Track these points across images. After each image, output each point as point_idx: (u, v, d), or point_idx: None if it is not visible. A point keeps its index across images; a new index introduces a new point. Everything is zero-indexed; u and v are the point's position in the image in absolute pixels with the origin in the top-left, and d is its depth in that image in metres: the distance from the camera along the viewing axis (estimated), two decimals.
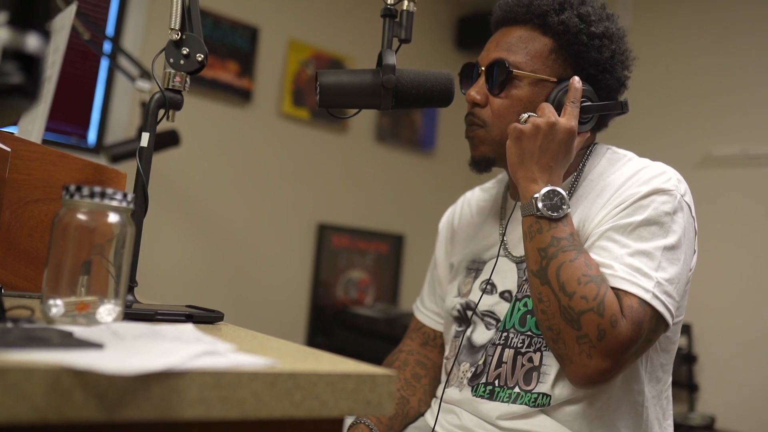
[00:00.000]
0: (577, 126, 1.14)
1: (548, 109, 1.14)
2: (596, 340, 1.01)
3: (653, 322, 1.05)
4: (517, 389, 1.14)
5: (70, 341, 0.59)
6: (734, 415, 2.68)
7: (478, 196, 1.44)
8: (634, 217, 1.09)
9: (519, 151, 1.14)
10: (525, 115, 1.16)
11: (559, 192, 1.10)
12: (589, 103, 1.19)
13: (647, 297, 1.03)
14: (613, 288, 1.04)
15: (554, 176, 1.12)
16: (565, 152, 1.13)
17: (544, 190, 1.10)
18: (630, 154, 1.23)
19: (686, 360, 2.77)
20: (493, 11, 1.30)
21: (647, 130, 3.08)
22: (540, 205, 1.09)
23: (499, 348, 1.18)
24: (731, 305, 2.80)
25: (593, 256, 1.09)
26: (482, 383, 1.18)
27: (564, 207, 1.09)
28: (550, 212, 1.09)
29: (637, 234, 1.08)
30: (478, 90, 1.24)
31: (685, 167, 1.24)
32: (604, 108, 1.20)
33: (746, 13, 2.95)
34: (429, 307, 1.44)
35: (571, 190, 1.21)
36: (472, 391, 1.19)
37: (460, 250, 1.38)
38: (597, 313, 1.01)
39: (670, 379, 1.22)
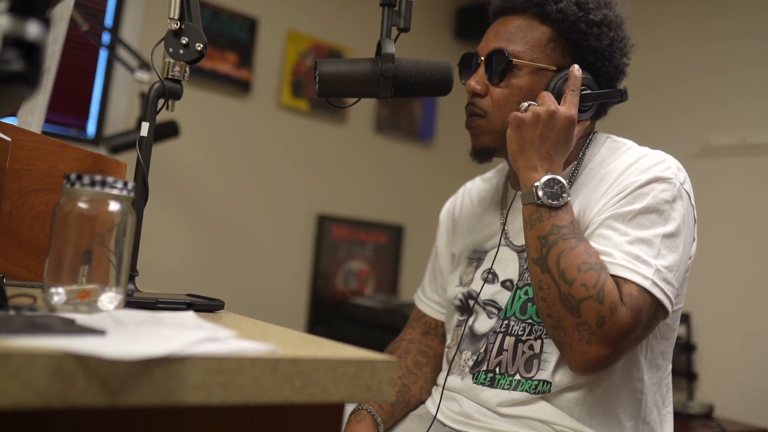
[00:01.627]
0: (577, 114, 1.15)
1: (548, 97, 1.15)
2: (596, 327, 1.02)
3: (652, 309, 1.05)
4: (517, 376, 1.15)
5: (72, 328, 0.59)
6: (733, 403, 2.70)
7: (478, 186, 1.45)
8: (634, 205, 1.09)
9: (519, 139, 1.14)
10: (525, 104, 1.16)
11: (559, 180, 1.10)
12: (589, 91, 1.19)
13: (646, 284, 1.04)
14: (612, 275, 1.05)
15: (554, 165, 1.13)
16: (565, 140, 1.14)
17: (545, 178, 1.10)
18: (630, 143, 1.23)
19: (685, 349, 2.78)
20: (492, 0, 1.30)
21: (647, 120, 3.08)
22: (540, 193, 1.09)
23: (500, 336, 1.19)
24: (730, 294, 2.81)
25: (593, 244, 1.09)
26: (483, 371, 1.19)
27: (564, 195, 1.10)
28: (550, 200, 1.09)
29: (637, 222, 1.08)
30: (477, 80, 1.24)
31: (685, 157, 1.24)
32: (603, 96, 1.21)
33: (745, 3, 2.95)
34: (430, 296, 1.44)
35: (572, 179, 1.22)
36: (473, 378, 1.20)
37: (462, 241, 1.38)
38: (597, 300, 1.02)
39: (670, 367, 1.22)
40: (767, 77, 2.85)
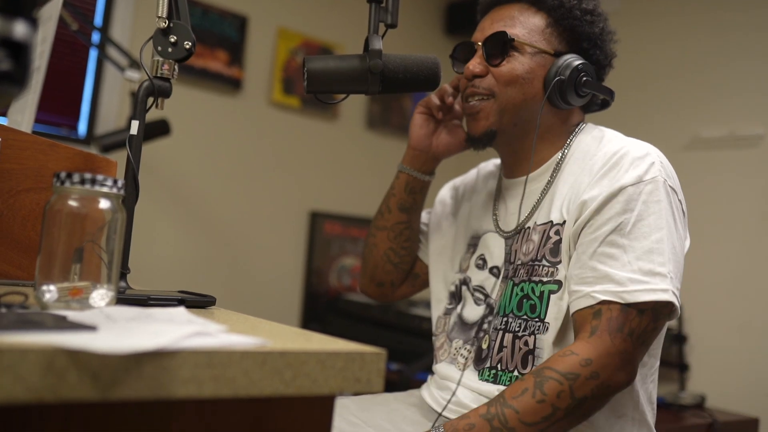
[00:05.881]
0: None
1: None
2: (601, 394, 1.05)
3: (666, 312, 1.08)
4: (516, 372, 1.16)
5: (63, 324, 0.60)
6: (725, 394, 2.72)
7: (489, 169, 1.46)
8: (626, 214, 1.09)
9: None
10: None
11: None
12: (590, 79, 1.21)
13: (666, 297, 1.05)
14: (612, 302, 1.06)
15: None
16: None
17: None
18: (614, 133, 1.24)
19: (676, 340, 2.80)
20: None
21: (637, 113, 3.09)
22: None
23: (501, 332, 1.21)
24: (721, 286, 2.83)
25: (599, 265, 1.09)
26: (487, 368, 1.21)
27: None
28: None
29: (637, 231, 1.08)
30: (477, 63, 1.24)
31: (674, 149, 1.26)
32: (600, 89, 1.24)
33: None
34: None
35: (559, 164, 1.23)
36: (478, 375, 1.21)
37: (465, 224, 1.41)
38: (570, 388, 1.03)
39: (657, 364, 1.23)
40: (756, 69, 2.86)
